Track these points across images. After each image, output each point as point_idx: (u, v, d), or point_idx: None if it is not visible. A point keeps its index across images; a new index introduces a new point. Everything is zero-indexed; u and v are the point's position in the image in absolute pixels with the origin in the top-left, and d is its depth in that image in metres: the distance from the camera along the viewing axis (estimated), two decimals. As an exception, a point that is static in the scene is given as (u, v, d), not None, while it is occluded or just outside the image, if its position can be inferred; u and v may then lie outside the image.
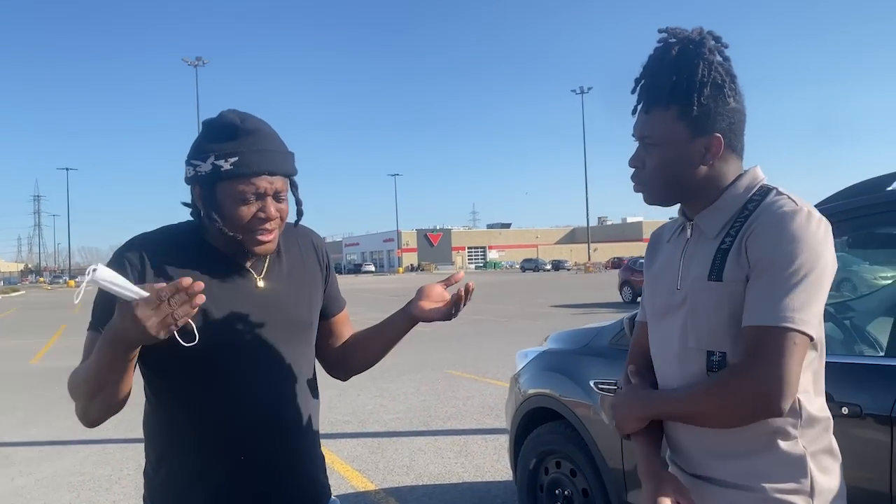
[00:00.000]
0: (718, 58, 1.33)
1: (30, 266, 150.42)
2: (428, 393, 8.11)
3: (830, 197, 2.54)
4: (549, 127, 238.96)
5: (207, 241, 1.51)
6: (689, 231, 1.40)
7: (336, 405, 7.45)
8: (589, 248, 78.82)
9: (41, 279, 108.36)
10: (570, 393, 3.31)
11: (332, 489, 1.69)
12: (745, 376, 1.18)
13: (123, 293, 1.18)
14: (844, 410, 1.95)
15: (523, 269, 74.20)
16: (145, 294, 1.18)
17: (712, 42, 1.32)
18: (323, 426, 6.34)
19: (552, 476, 3.47)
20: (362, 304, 25.63)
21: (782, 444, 1.25)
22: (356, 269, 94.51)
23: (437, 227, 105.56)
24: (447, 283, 1.69)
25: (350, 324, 1.82)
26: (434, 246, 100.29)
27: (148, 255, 1.46)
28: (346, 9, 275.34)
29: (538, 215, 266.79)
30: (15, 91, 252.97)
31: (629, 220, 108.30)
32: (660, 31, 1.36)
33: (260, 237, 1.46)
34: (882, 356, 2.14)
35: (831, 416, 1.32)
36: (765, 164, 1.38)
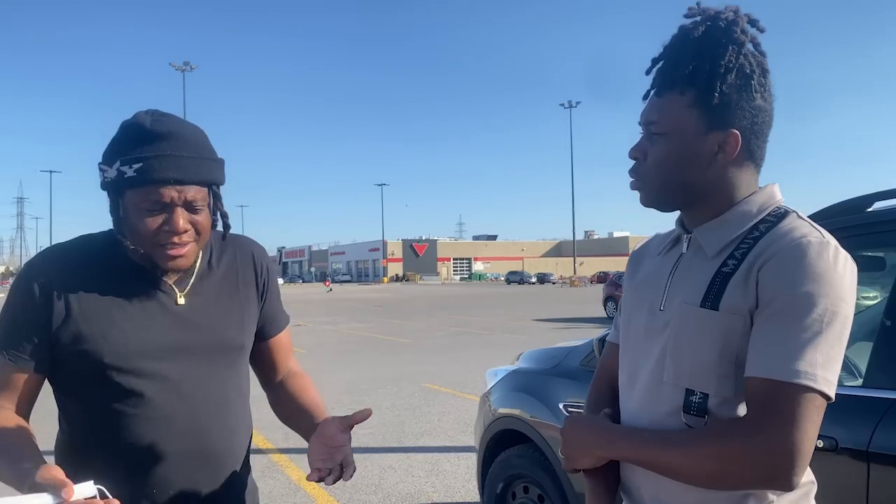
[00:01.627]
0: (751, 46, 1.14)
1: (11, 269, 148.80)
2: (403, 407, 7.95)
3: (810, 216, 2.44)
4: (536, 140, 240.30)
5: (125, 253, 1.38)
6: (684, 245, 1.22)
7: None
8: (575, 262, 78.93)
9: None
10: (538, 415, 3.19)
11: None
12: (758, 439, 0.99)
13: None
14: (819, 444, 1.84)
15: (508, 281, 74.22)
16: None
17: (747, 25, 1.14)
18: (293, 440, 6.30)
19: (519, 501, 3.34)
20: (344, 313, 25.46)
21: None
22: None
23: (423, 238, 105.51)
24: (349, 422, 1.36)
25: (290, 350, 1.66)
26: (419, 256, 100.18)
27: (58, 269, 1.34)
28: (337, 21, 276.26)
29: (524, 228, 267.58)
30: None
31: (616, 234, 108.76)
32: (689, 9, 1.18)
33: (169, 251, 1.33)
34: (860, 386, 2.04)
35: (814, 480, 1.16)
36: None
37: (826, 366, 1.00)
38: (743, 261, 1.10)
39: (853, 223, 2.25)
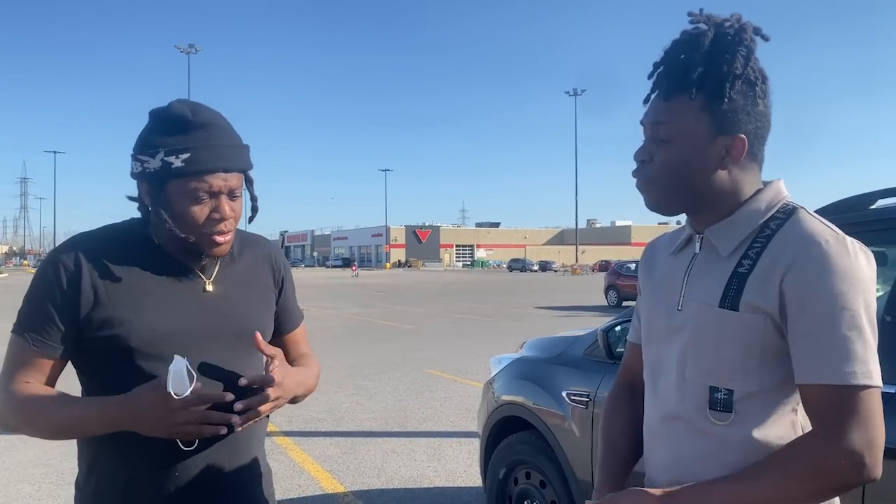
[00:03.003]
0: (754, 55, 1.18)
1: (14, 249, 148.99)
2: (406, 392, 8.02)
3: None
4: (541, 128, 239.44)
5: (153, 240, 1.42)
6: (697, 245, 1.24)
7: (311, 402, 7.33)
8: (577, 250, 78.90)
9: (24, 262, 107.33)
10: (542, 402, 3.24)
11: (300, 490, 1.62)
12: (843, 447, 1.02)
13: (180, 386, 1.23)
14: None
15: (510, 268, 74.15)
16: (189, 394, 1.24)
17: (752, 34, 1.17)
18: (296, 424, 6.35)
19: (521, 487, 3.40)
20: (347, 299, 25.53)
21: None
22: (345, 263, 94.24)
23: (426, 224, 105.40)
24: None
25: (305, 342, 1.69)
26: (422, 242, 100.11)
27: (86, 257, 1.37)
28: (341, 6, 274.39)
29: (527, 216, 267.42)
30: (3, 73, 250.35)
31: (618, 223, 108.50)
32: (690, 15, 1.19)
33: (216, 238, 1.38)
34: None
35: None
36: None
37: (872, 359, 1.05)
38: (758, 260, 1.13)
39: (857, 220, 2.28)
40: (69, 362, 1.41)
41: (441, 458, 5.42)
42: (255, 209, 1.53)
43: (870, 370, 1.04)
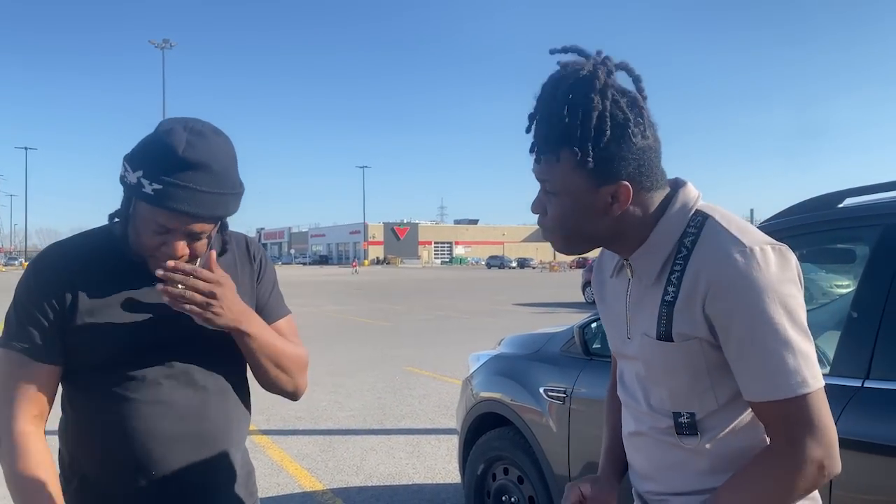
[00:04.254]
0: (618, 88, 1.12)
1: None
2: (384, 390, 8.03)
3: (783, 211, 2.53)
4: (519, 125, 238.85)
5: (127, 247, 1.42)
6: (628, 271, 1.24)
7: (289, 401, 7.32)
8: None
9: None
10: (519, 398, 3.27)
11: (278, 488, 1.61)
12: (802, 454, 1.07)
13: None
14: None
15: (489, 265, 74.40)
16: None
17: (606, 74, 1.11)
18: (275, 422, 6.33)
19: (499, 482, 3.43)
20: (322, 296, 25.44)
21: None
22: (322, 260, 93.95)
23: (405, 221, 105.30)
24: None
25: (293, 337, 1.62)
26: (401, 239, 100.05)
27: (64, 265, 1.39)
28: (316, 1, 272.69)
29: (506, 213, 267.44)
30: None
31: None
32: (552, 53, 1.15)
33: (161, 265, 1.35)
34: (827, 374, 2.13)
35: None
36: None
37: (808, 363, 1.07)
38: (680, 286, 1.13)
39: (825, 218, 2.33)
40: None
41: (420, 455, 5.44)
42: (223, 251, 1.50)
43: (804, 378, 1.06)
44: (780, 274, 1.08)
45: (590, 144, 1.09)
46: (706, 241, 1.13)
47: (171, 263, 1.31)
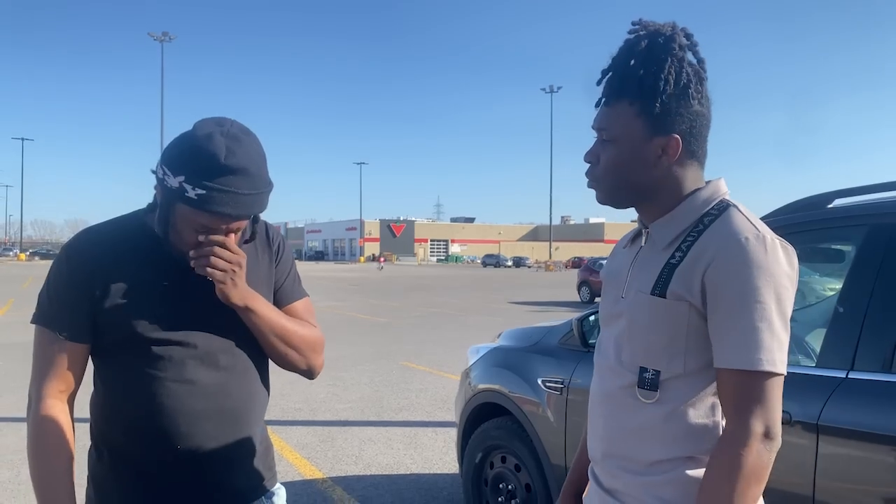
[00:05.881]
0: (689, 57, 1.28)
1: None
2: (381, 383, 8.12)
3: (774, 211, 2.62)
4: (517, 124, 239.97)
5: (157, 234, 1.50)
6: (643, 238, 1.36)
7: (288, 393, 7.42)
8: (550, 247, 79.34)
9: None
10: (518, 389, 3.37)
11: (279, 476, 1.70)
12: (747, 431, 1.14)
13: None
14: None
15: (484, 264, 74.42)
16: None
17: (683, 39, 1.27)
18: (274, 413, 6.40)
19: (497, 470, 3.53)
20: (319, 292, 25.48)
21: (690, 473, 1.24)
22: (318, 256, 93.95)
23: (401, 219, 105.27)
24: None
25: (309, 319, 1.71)
26: (397, 237, 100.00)
27: (96, 249, 1.48)
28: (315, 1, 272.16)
29: (502, 211, 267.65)
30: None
31: (591, 220, 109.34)
32: (632, 24, 1.30)
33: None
34: (813, 366, 2.23)
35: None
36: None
37: (780, 348, 1.15)
38: (688, 252, 1.23)
39: (815, 218, 2.43)
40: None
41: (417, 447, 5.54)
42: (252, 237, 1.60)
43: (773, 359, 1.14)
44: (782, 266, 1.18)
45: (658, 94, 1.24)
46: (724, 222, 1.23)
47: (201, 238, 1.43)
